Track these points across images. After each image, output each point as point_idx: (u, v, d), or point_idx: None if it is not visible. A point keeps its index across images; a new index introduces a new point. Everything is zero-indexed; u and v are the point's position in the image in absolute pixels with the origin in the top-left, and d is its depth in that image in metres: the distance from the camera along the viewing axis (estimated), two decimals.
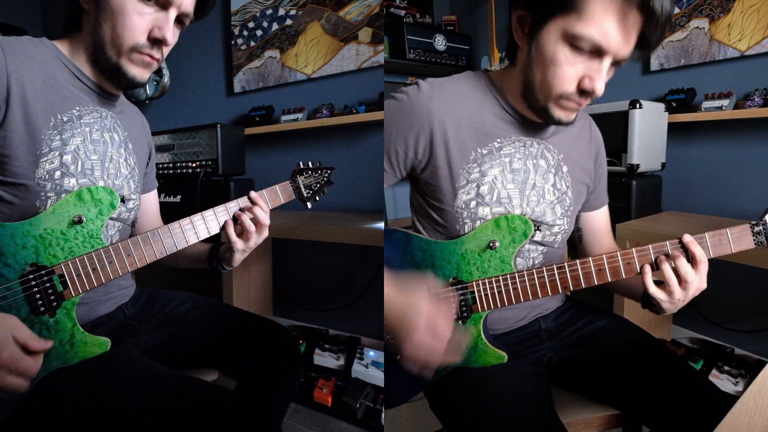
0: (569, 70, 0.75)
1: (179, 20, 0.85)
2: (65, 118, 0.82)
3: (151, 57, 0.83)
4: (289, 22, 2.35)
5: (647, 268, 0.79)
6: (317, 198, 1.07)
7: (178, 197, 2.16)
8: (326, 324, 2.30)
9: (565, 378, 0.96)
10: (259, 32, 2.44)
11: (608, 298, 1.75)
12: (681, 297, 0.78)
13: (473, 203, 0.86)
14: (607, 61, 0.73)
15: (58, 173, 0.80)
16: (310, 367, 1.99)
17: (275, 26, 2.39)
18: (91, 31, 0.83)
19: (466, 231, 0.87)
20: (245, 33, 2.48)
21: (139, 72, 0.84)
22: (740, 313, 1.92)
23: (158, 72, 2.48)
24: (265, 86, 2.45)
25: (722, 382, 1.67)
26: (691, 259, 0.77)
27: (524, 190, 0.88)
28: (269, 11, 2.40)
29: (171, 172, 2.19)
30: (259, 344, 1.01)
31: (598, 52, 0.73)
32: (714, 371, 1.71)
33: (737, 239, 0.78)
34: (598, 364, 0.92)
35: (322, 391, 1.81)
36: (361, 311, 2.22)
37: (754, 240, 0.78)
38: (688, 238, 0.77)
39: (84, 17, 0.84)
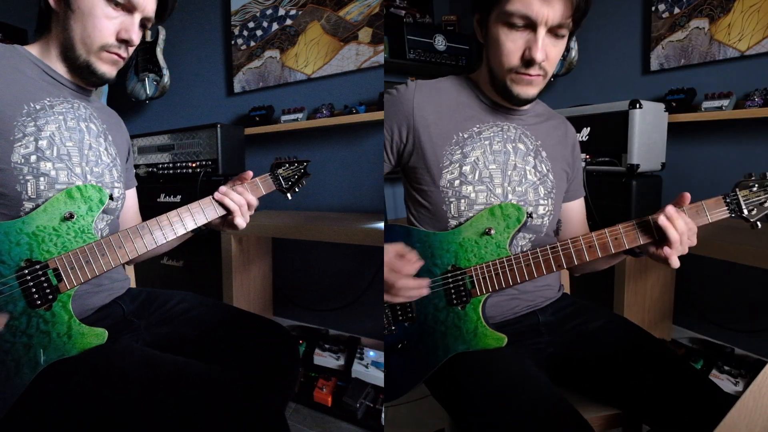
0: (511, 46, 0.86)
1: (142, 24, 0.93)
2: (38, 106, 0.86)
3: (119, 56, 0.91)
4: (289, 22, 2.35)
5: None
6: (296, 189, 1.12)
7: (178, 197, 2.16)
8: (326, 324, 2.30)
9: (565, 377, 0.96)
10: (259, 32, 2.44)
11: (608, 298, 1.76)
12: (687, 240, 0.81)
13: (457, 182, 0.93)
14: (541, 31, 0.83)
15: (33, 157, 0.83)
16: (310, 367, 1.99)
17: (275, 26, 2.39)
18: (60, 30, 0.89)
19: (452, 210, 0.94)
20: (245, 33, 2.48)
21: (108, 69, 0.91)
22: (740, 313, 1.92)
23: (158, 72, 2.48)
24: (265, 86, 2.45)
25: (722, 382, 1.67)
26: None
27: (506, 171, 0.95)
28: (269, 11, 2.40)
29: (171, 172, 2.19)
30: (257, 343, 1.01)
31: (531, 25, 0.84)
32: (714, 371, 1.71)
33: (712, 209, 0.83)
34: (598, 363, 0.92)
35: (322, 391, 1.81)
36: (361, 311, 2.22)
37: (728, 209, 0.83)
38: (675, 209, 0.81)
39: (53, 18, 0.89)
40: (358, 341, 2.07)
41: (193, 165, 2.12)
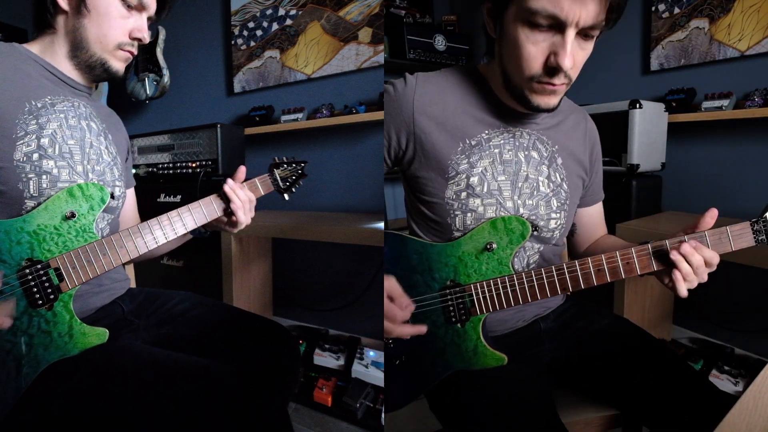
0: (533, 50, 0.73)
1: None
2: (39, 104, 0.86)
3: (131, 53, 0.95)
4: (289, 22, 2.35)
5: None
6: (293, 189, 1.11)
7: (178, 197, 2.16)
8: (326, 324, 2.30)
9: (565, 378, 0.96)
10: (259, 32, 2.44)
11: (608, 298, 1.75)
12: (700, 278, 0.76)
13: (464, 194, 0.86)
14: (570, 33, 0.70)
15: (35, 155, 0.82)
16: (310, 367, 1.99)
17: (275, 26, 2.39)
18: (70, 29, 0.90)
19: (457, 224, 0.87)
20: (245, 33, 2.48)
21: (120, 66, 0.95)
22: (740, 313, 1.92)
23: (158, 72, 2.48)
24: (265, 86, 2.45)
25: (722, 382, 1.67)
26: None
27: (516, 182, 0.87)
28: (269, 11, 2.40)
29: (171, 172, 2.19)
30: (258, 343, 1.01)
31: (558, 26, 0.71)
32: (714, 371, 1.71)
33: (737, 237, 0.76)
34: (598, 364, 0.92)
35: (322, 391, 1.81)
36: (361, 311, 2.22)
37: (755, 238, 0.76)
38: (693, 244, 0.74)
39: (60, 17, 0.90)
40: (358, 341, 2.07)
41: (193, 165, 2.12)
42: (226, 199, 0.96)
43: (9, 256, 0.76)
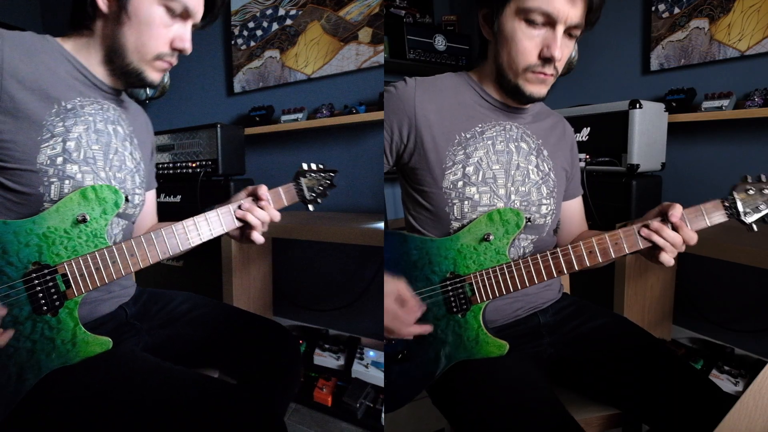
0: (528, 44, 0.85)
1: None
2: (69, 106, 0.83)
3: (170, 63, 0.90)
4: (289, 22, 2.35)
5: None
6: (320, 201, 1.06)
7: (178, 197, 2.16)
8: (326, 324, 2.31)
9: (564, 376, 0.97)
10: (259, 32, 2.44)
11: (608, 298, 1.76)
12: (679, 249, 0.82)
13: (460, 183, 0.92)
14: (560, 29, 0.84)
15: (60, 159, 0.80)
16: (310, 367, 1.99)
17: (275, 26, 2.39)
18: (108, 35, 0.86)
19: (455, 213, 0.92)
20: (245, 33, 2.48)
21: (157, 76, 0.90)
22: (740, 313, 1.92)
23: None
24: (265, 86, 2.45)
25: (722, 382, 1.67)
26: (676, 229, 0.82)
27: (509, 170, 0.94)
28: (269, 11, 2.40)
29: (171, 172, 2.19)
30: (259, 343, 1.01)
31: (550, 23, 0.84)
32: (714, 371, 1.71)
33: (711, 213, 0.83)
34: (598, 363, 0.92)
35: (322, 391, 1.81)
36: (361, 311, 2.22)
37: (726, 213, 0.83)
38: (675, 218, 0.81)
39: (98, 21, 0.86)
40: (358, 341, 2.07)
41: (193, 165, 2.12)
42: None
43: (17, 258, 0.74)
